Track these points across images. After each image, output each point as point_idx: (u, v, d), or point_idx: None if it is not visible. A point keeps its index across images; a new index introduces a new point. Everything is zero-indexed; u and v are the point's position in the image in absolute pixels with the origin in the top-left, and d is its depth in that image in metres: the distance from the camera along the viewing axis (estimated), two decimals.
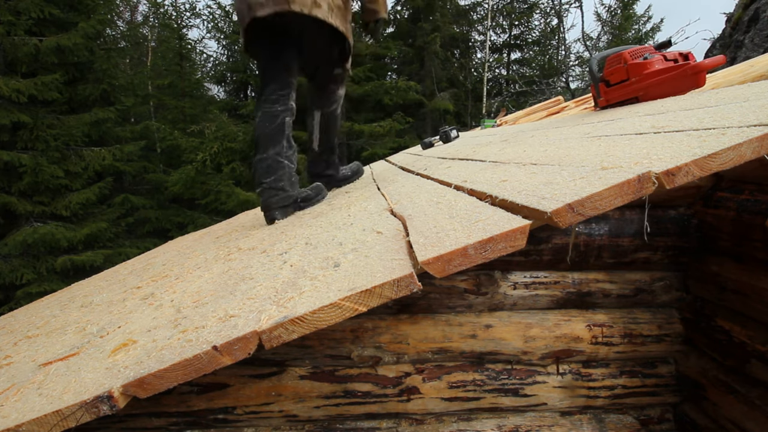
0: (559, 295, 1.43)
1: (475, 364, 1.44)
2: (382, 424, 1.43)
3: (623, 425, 1.47)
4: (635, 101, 2.29)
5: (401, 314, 1.41)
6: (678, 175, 0.71)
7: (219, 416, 1.35)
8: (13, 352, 1.06)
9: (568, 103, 5.73)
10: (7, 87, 6.99)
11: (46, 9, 7.46)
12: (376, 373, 1.40)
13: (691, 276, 1.44)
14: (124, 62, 12.05)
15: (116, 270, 2.27)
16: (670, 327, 1.46)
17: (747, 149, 0.73)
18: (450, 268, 0.69)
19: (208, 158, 8.70)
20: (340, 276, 0.77)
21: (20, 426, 0.62)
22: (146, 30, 13.68)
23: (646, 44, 3.23)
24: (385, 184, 1.82)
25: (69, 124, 7.87)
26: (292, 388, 1.37)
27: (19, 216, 7.57)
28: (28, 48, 7.30)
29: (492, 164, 1.43)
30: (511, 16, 16.22)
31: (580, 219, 0.70)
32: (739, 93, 1.43)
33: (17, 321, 1.57)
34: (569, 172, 0.90)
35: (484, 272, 1.41)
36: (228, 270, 1.15)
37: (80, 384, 0.69)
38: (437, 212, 0.96)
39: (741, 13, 6.79)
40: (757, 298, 1.16)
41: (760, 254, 1.15)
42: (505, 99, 14.75)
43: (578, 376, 1.46)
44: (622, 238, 1.39)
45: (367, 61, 10.89)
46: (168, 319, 0.87)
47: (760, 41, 6.14)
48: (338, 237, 1.06)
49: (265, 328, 0.66)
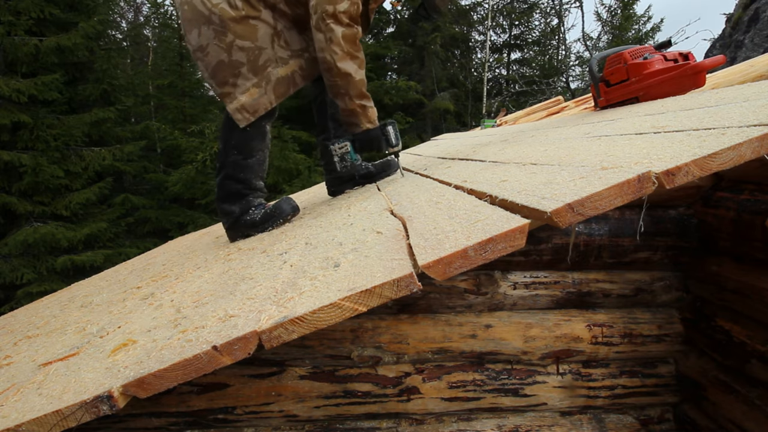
0: (559, 295, 1.43)
1: (475, 364, 1.44)
2: (382, 424, 1.43)
3: (623, 425, 1.47)
4: (635, 101, 2.28)
5: (401, 314, 1.41)
6: (678, 175, 0.71)
7: (219, 416, 1.35)
8: (13, 352, 1.06)
9: (568, 103, 5.73)
10: (7, 87, 7.00)
11: (47, 9, 7.46)
12: (376, 373, 1.40)
13: (691, 276, 1.44)
14: (125, 62, 12.05)
15: (116, 270, 2.28)
16: (670, 327, 1.46)
17: (747, 149, 0.73)
18: (450, 270, 0.69)
19: (208, 158, 8.70)
20: (340, 276, 0.77)
21: (20, 426, 0.62)
22: (147, 30, 13.68)
23: (646, 44, 3.23)
24: (385, 184, 1.82)
25: (69, 124, 7.87)
26: (292, 388, 1.37)
27: (20, 216, 7.58)
28: (29, 48, 7.31)
29: (492, 164, 1.43)
30: (511, 16, 16.22)
31: (580, 219, 0.70)
32: (739, 93, 1.43)
33: (17, 321, 1.58)
34: (569, 172, 0.90)
35: (484, 272, 1.41)
36: (228, 270, 1.15)
37: (80, 384, 0.69)
38: (437, 213, 0.96)
39: (741, 13, 6.79)
40: (757, 298, 1.16)
41: (760, 254, 1.15)
42: (505, 99, 14.75)
43: (578, 376, 1.46)
44: (622, 238, 1.39)
45: (367, 61, 10.87)
46: (168, 319, 0.87)
47: (760, 41, 6.14)
48: (338, 237, 1.06)
49: (265, 328, 0.66)
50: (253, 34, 1.53)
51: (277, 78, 1.56)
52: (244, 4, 1.52)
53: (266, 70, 1.56)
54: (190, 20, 1.53)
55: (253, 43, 1.53)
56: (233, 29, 1.51)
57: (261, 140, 1.65)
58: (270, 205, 1.64)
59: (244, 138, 1.61)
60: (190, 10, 1.52)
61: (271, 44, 1.56)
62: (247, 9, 1.52)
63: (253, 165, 1.64)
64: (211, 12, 1.50)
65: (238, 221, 1.62)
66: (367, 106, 1.66)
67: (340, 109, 1.68)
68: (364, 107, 1.65)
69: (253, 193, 1.65)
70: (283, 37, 1.59)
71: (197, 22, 1.52)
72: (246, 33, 1.52)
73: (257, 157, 1.65)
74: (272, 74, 1.56)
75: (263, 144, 1.66)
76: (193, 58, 1.59)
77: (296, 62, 1.60)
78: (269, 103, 1.57)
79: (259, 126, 1.62)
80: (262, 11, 1.55)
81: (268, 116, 1.65)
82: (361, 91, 1.63)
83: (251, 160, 1.63)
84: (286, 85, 1.59)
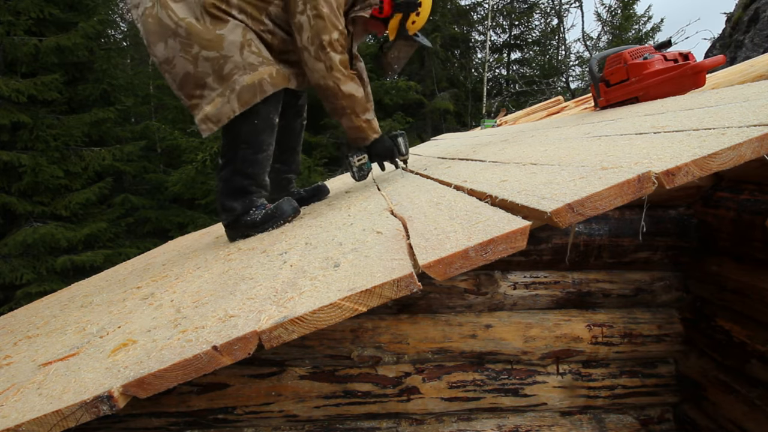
0: (559, 295, 1.43)
1: (475, 364, 1.44)
2: (382, 424, 1.43)
3: (623, 425, 1.47)
4: (635, 101, 2.29)
5: (401, 314, 1.41)
6: (678, 175, 0.71)
7: (219, 416, 1.35)
8: (13, 352, 1.06)
9: (568, 103, 5.73)
10: (6, 87, 7.00)
11: (46, 9, 7.47)
12: (376, 373, 1.40)
13: (691, 276, 1.44)
14: (125, 62, 12.04)
15: (116, 270, 2.27)
16: (670, 327, 1.46)
17: (747, 149, 0.73)
18: (451, 270, 0.69)
19: (208, 158, 8.70)
20: (340, 276, 0.77)
21: (20, 426, 0.62)
22: None
23: (646, 44, 3.23)
24: (385, 185, 1.82)
25: (69, 124, 7.88)
26: (292, 388, 1.37)
27: (19, 216, 7.58)
28: (28, 48, 7.31)
29: (492, 164, 1.43)
30: (511, 16, 16.24)
31: (580, 219, 0.70)
32: (739, 93, 1.43)
33: (17, 321, 1.57)
34: (569, 172, 0.90)
35: (484, 272, 1.41)
36: (228, 270, 1.15)
37: (80, 384, 0.69)
38: (437, 213, 0.96)
39: (741, 13, 6.80)
40: (757, 298, 1.16)
41: (760, 254, 1.15)
42: (505, 99, 14.76)
43: (578, 376, 1.46)
44: (622, 238, 1.39)
45: (367, 61, 10.86)
46: (168, 319, 0.87)
47: (760, 41, 6.15)
48: (338, 237, 1.06)
49: (265, 328, 0.66)
50: (219, 44, 1.52)
51: (242, 86, 1.54)
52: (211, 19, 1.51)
53: (232, 78, 1.54)
54: (155, 33, 1.52)
55: (218, 52, 1.52)
56: (198, 41, 1.50)
57: (270, 134, 1.65)
58: (271, 206, 1.64)
59: (254, 131, 1.60)
60: (155, 23, 1.51)
61: (240, 51, 1.54)
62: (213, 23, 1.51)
63: (262, 161, 1.64)
64: (177, 25, 1.49)
65: (239, 220, 1.61)
66: (371, 119, 1.77)
67: (346, 128, 1.76)
68: (369, 121, 1.76)
69: (258, 192, 1.65)
70: (254, 44, 1.58)
71: (163, 35, 1.51)
72: (212, 43, 1.51)
73: (267, 152, 1.65)
74: (237, 82, 1.54)
75: (272, 138, 1.66)
76: (160, 71, 1.59)
77: (266, 69, 1.58)
78: (232, 111, 1.55)
79: (266, 117, 1.61)
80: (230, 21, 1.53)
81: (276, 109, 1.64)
82: (365, 107, 1.73)
83: (261, 156, 1.63)
84: (251, 92, 1.55)
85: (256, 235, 1.59)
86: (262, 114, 1.59)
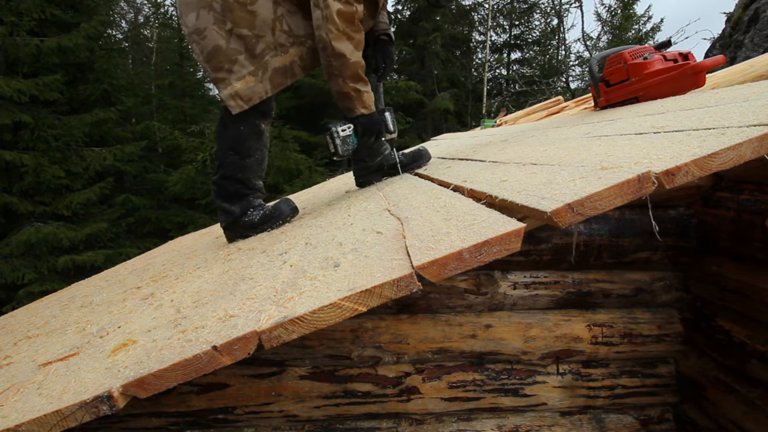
0: (559, 295, 1.43)
1: (475, 364, 1.44)
2: (382, 424, 1.43)
3: (623, 425, 1.47)
4: (635, 101, 2.28)
5: (401, 314, 1.41)
6: (678, 175, 0.70)
7: (219, 416, 1.35)
8: (13, 352, 1.06)
9: (568, 103, 5.72)
10: (8, 87, 7.01)
11: (48, 9, 7.48)
12: (376, 373, 1.40)
13: (691, 276, 1.44)
14: (126, 63, 12.06)
15: (116, 270, 2.28)
16: (670, 327, 1.46)
17: (747, 149, 0.73)
18: (445, 272, 0.69)
19: (208, 158, 8.71)
20: (340, 276, 0.77)
21: (20, 426, 0.62)
22: (147, 31, 13.68)
23: (646, 44, 3.23)
24: (384, 185, 1.82)
25: (70, 124, 7.89)
26: (292, 388, 1.37)
27: (20, 216, 7.59)
28: (30, 48, 7.32)
29: (492, 164, 1.43)
30: (511, 16, 16.24)
31: (580, 219, 0.70)
32: (739, 93, 1.43)
33: (17, 321, 1.58)
34: (569, 171, 0.90)
35: (484, 272, 1.41)
36: (228, 270, 1.15)
37: (80, 384, 0.69)
38: (434, 214, 0.96)
39: (741, 13, 6.79)
40: (757, 298, 1.16)
41: (760, 254, 1.15)
42: (505, 99, 14.75)
43: (578, 376, 1.46)
44: (622, 238, 1.39)
45: None
46: (168, 319, 0.87)
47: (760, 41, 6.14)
48: (338, 237, 1.06)
49: (264, 328, 0.66)
50: (251, 22, 1.50)
51: (274, 68, 1.53)
52: None
53: (264, 58, 1.52)
54: (188, 3, 1.51)
55: (250, 31, 1.50)
56: (232, 18, 1.49)
57: (257, 139, 1.63)
58: (269, 206, 1.63)
59: (239, 137, 1.59)
60: None
61: (272, 31, 1.53)
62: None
63: (251, 165, 1.62)
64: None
65: (237, 222, 1.61)
66: (361, 90, 1.59)
67: (334, 91, 1.62)
68: (359, 91, 1.58)
69: (253, 193, 1.64)
70: (285, 22, 1.55)
71: (197, 5, 1.50)
72: (244, 21, 1.50)
73: (255, 157, 1.63)
74: (270, 63, 1.53)
75: (260, 143, 1.64)
76: (188, 41, 1.55)
77: (297, 50, 1.56)
78: (264, 92, 1.53)
79: (252, 124, 1.59)
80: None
81: (263, 115, 1.62)
82: (356, 73, 1.55)
83: (249, 160, 1.61)
84: (283, 75, 1.55)
85: (256, 235, 1.59)
86: (249, 121, 1.58)
